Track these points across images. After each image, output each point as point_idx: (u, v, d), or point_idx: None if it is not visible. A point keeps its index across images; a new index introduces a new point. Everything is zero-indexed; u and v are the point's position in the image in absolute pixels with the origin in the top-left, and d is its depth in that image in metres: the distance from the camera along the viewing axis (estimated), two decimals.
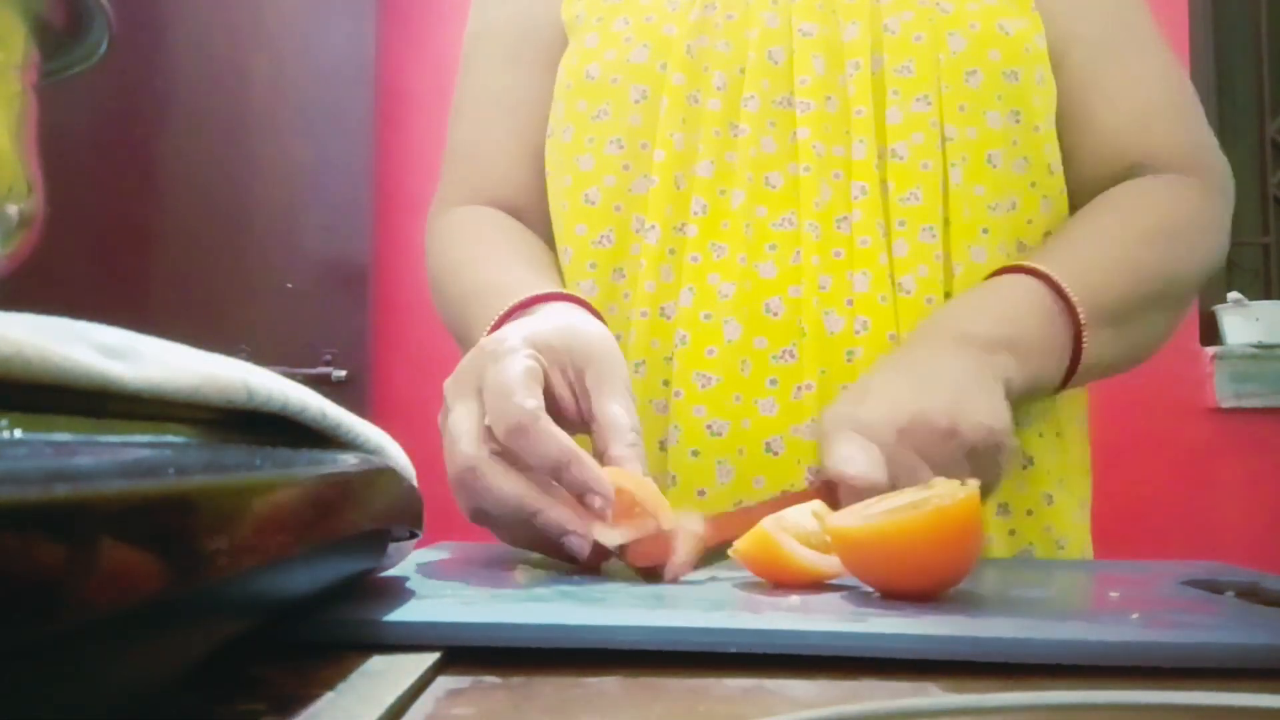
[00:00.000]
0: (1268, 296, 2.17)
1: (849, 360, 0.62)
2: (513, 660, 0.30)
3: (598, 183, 0.68)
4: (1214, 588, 0.45)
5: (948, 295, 0.63)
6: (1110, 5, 0.70)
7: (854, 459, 0.49)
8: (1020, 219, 0.65)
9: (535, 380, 0.48)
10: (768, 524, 0.41)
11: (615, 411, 0.49)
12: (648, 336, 0.65)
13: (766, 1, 0.68)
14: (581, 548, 0.45)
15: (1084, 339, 0.59)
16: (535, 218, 0.74)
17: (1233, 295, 2.08)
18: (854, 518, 0.40)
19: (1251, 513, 2.04)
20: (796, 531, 0.41)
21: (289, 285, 1.94)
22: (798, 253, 0.63)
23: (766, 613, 0.35)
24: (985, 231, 0.64)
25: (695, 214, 0.65)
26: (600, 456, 0.48)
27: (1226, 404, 2.05)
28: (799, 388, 0.62)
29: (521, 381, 0.47)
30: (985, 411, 0.52)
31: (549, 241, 0.73)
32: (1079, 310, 0.59)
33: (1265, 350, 2.05)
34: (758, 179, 0.65)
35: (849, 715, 0.23)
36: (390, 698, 0.24)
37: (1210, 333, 2.11)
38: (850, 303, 0.63)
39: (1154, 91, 0.69)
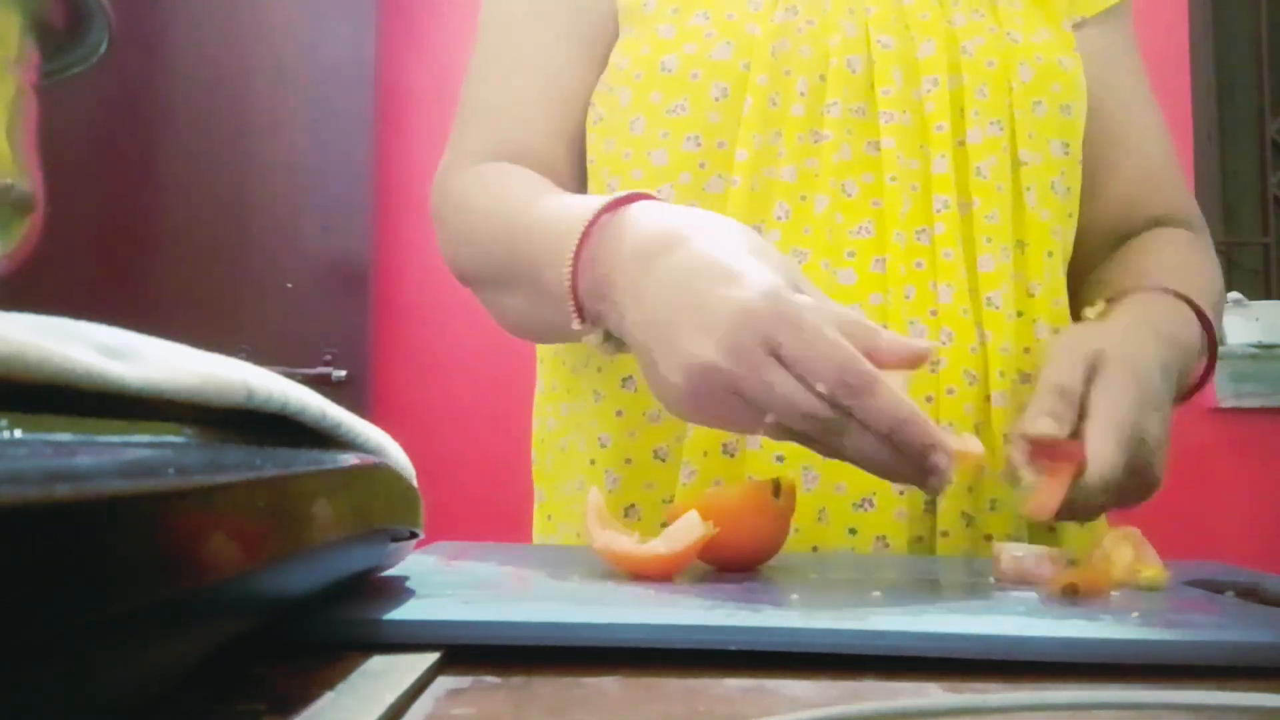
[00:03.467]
0: (1268, 296, 2.18)
1: (933, 370, 0.62)
2: (513, 660, 0.30)
3: (672, 179, 0.66)
4: (1214, 588, 0.45)
5: (1020, 314, 0.66)
6: (1134, 61, 0.77)
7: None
8: (1065, 245, 0.70)
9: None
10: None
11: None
12: None
13: (844, 11, 0.68)
14: (947, 468, 0.43)
15: (1213, 365, 0.66)
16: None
17: (1233, 295, 2.08)
18: None
19: (1251, 513, 2.04)
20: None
21: (289, 285, 1.94)
22: (877, 260, 0.64)
23: (766, 611, 0.35)
24: (1049, 255, 0.68)
25: (778, 218, 0.65)
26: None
27: (1226, 404, 2.06)
28: None
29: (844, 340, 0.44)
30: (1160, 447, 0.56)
31: None
32: (1217, 346, 0.65)
33: (1265, 350, 2.05)
34: (838, 186, 0.65)
35: (849, 715, 0.23)
36: (390, 698, 0.25)
37: None
38: (934, 313, 0.63)
39: (1164, 149, 0.76)
